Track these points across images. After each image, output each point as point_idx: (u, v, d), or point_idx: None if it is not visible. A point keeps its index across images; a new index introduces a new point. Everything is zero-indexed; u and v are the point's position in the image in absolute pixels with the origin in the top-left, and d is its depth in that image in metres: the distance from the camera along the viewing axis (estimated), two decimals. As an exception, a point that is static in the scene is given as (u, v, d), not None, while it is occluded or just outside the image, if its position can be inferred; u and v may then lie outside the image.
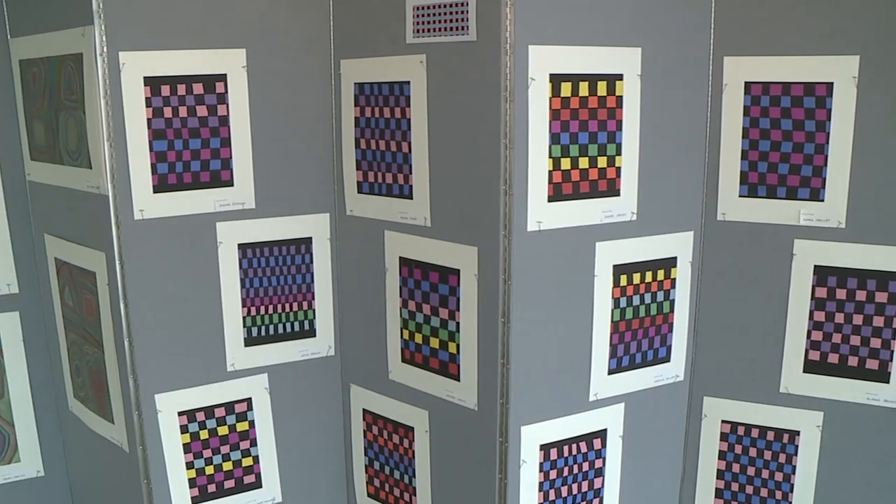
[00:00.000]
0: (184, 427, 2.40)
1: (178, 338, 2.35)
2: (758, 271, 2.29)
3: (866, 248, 2.15)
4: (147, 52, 2.18)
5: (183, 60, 2.23)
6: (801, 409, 2.28)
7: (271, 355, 2.51)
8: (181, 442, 2.40)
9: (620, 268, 2.23)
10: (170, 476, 2.39)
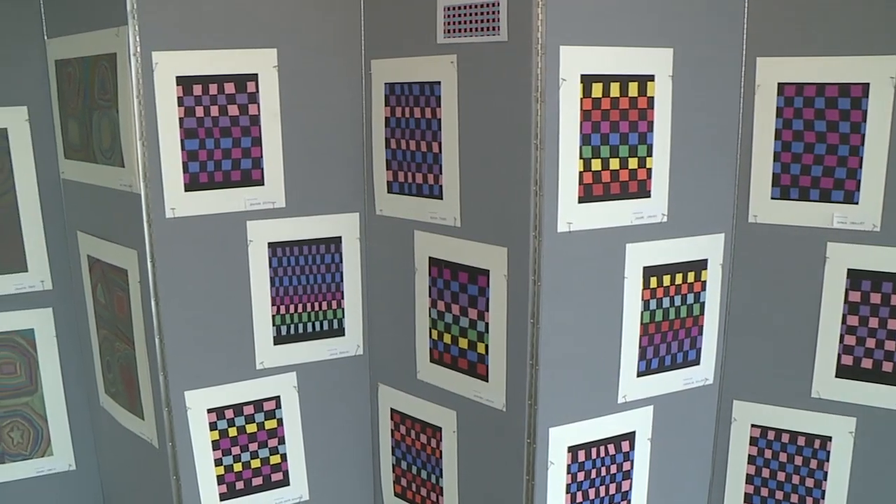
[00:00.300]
0: (213, 424, 2.42)
1: (208, 335, 2.37)
2: (789, 274, 2.26)
3: (902, 252, 2.12)
4: (179, 52, 2.20)
5: (215, 60, 2.25)
6: (834, 415, 2.25)
7: (300, 354, 2.52)
8: (210, 439, 2.42)
9: (650, 269, 2.22)
10: (199, 472, 2.41)
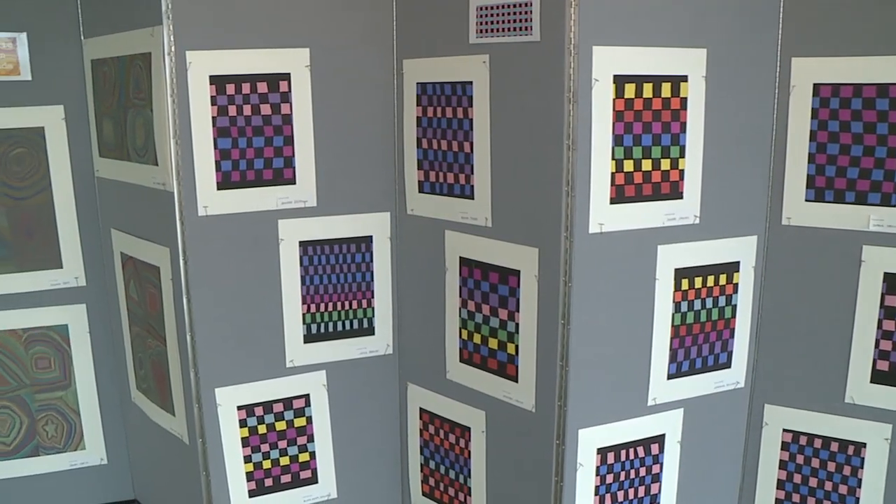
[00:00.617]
0: (242, 421, 2.43)
1: (239, 333, 2.39)
2: (824, 278, 2.23)
3: (940, 256, 2.09)
4: (213, 52, 2.22)
5: (248, 59, 2.26)
6: (868, 421, 2.22)
7: (330, 352, 2.53)
8: (240, 436, 2.44)
9: (682, 271, 2.20)
10: (228, 469, 2.43)
